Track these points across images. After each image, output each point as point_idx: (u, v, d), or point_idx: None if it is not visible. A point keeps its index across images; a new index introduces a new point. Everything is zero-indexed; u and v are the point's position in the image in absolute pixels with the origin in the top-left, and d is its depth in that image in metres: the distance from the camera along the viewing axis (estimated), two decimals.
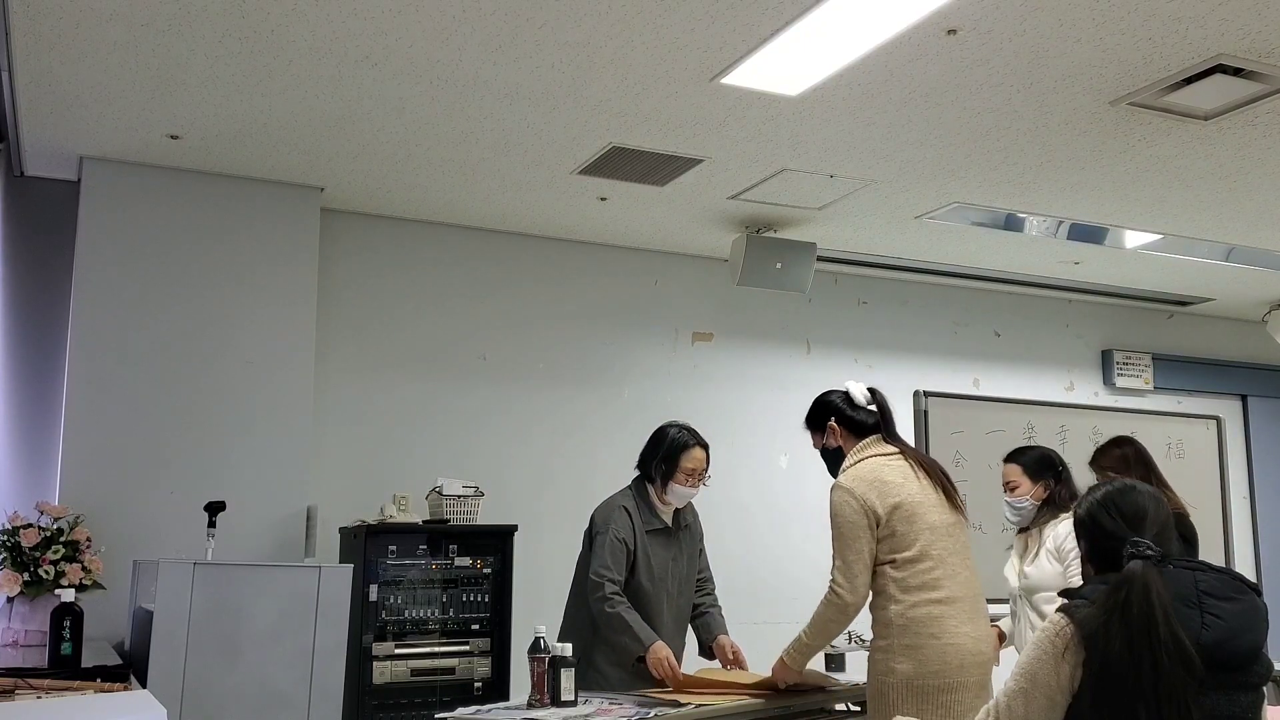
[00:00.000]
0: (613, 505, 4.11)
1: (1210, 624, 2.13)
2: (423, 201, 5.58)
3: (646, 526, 4.07)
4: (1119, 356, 7.67)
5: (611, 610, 3.89)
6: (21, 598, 4.23)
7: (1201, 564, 2.25)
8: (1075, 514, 2.43)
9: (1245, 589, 2.22)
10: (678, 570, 4.15)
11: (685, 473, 4.06)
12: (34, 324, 5.08)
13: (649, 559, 4.05)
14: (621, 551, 3.98)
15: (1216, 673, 2.12)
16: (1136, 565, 2.16)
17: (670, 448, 4.08)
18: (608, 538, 3.99)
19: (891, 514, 3.50)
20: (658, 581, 4.06)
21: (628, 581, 4.00)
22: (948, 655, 3.37)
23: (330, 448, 5.48)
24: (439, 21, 3.66)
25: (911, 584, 3.42)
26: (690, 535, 4.25)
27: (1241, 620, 2.15)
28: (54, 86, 4.23)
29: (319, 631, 3.58)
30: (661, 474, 4.07)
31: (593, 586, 3.96)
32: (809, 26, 3.64)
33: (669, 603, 4.10)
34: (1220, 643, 2.12)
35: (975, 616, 3.47)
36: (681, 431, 4.12)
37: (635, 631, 3.85)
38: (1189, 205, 5.50)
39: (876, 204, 5.56)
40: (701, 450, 4.11)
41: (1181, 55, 3.87)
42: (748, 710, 3.54)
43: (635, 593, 4.00)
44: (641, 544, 4.04)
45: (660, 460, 4.08)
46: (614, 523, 4.03)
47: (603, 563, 3.96)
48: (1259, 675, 2.19)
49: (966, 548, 3.56)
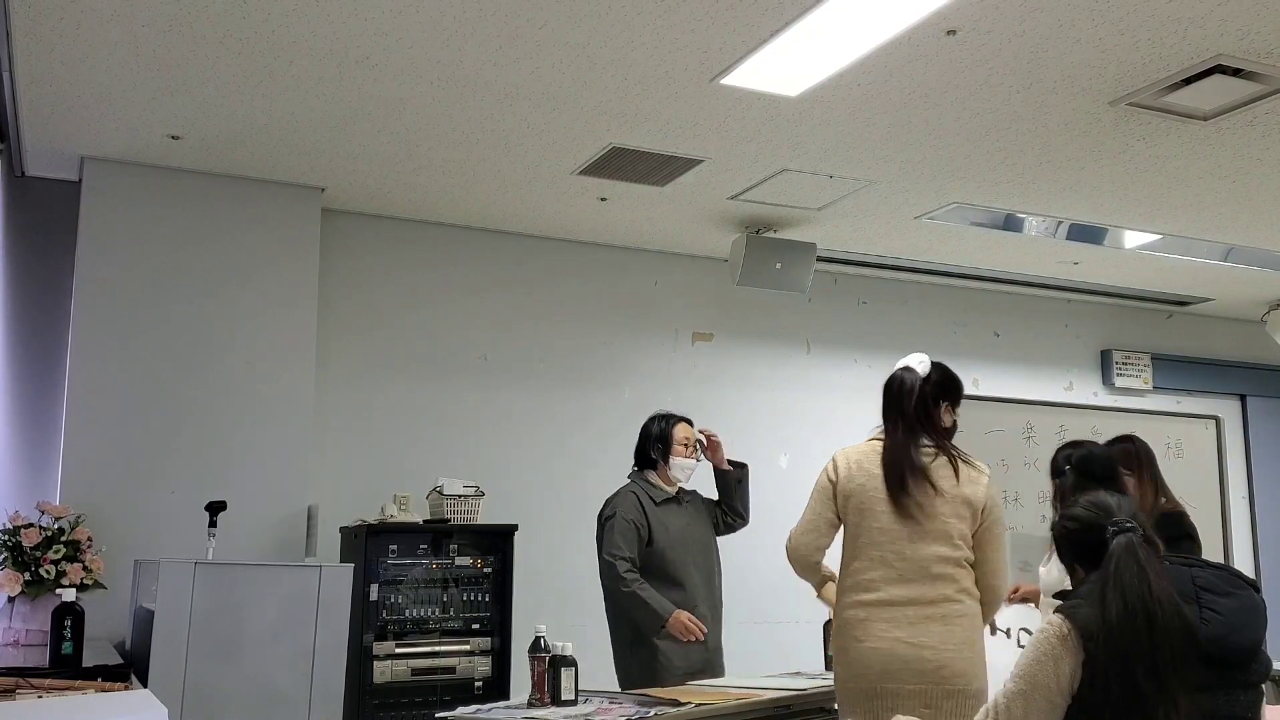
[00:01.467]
0: (618, 493, 4.35)
1: (1208, 618, 2.12)
2: (423, 201, 5.58)
3: (656, 500, 4.29)
4: (1118, 356, 7.67)
5: (627, 589, 4.10)
6: (22, 597, 4.23)
7: (1198, 560, 2.25)
8: (1051, 529, 2.44)
9: (1243, 585, 2.21)
10: (698, 535, 4.37)
11: (681, 443, 4.38)
12: (35, 324, 5.09)
13: (666, 528, 4.26)
14: (632, 532, 4.18)
15: (1215, 670, 2.11)
16: (1121, 539, 2.18)
17: (660, 430, 4.41)
18: (616, 520, 4.21)
19: (848, 500, 3.37)
20: (679, 547, 4.26)
21: (652, 552, 4.19)
22: (869, 660, 3.22)
23: (331, 447, 5.49)
24: (439, 21, 3.66)
25: (846, 584, 3.36)
26: (698, 501, 4.46)
27: (1239, 616, 2.14)
28: (54, 86, 4.23)
29: (319, 631, 3.58)
30: (660, 453, 4.37)
31: (605, 568, 4.17)
32: (809, 27, 3.65)
33: (696, 568, 4.29)
34: (1218, 638, 2.11)
35: (920, 622, 3.21)
36: (664, 418, 4.46)
37: (652, 607, 4.08)
38: (1188, 205, 5.50)
39: (876, 204, 5.57)
40: (686, 424, 4.46)
41: (1181, 55, 3.87)
42: (748, 710, 3.55)
43: (661, 560, 4.21)
44: (655, 516, 4.25)
45: (655, 442, 4.39)
46: (620, 506, 4.25)
47: (613, 544, 4.17)
48: (1258, 673, 2.18)
49: (935, 555, 3.27)
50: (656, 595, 4.11)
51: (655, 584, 4.16)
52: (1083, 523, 2.30)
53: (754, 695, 3.62)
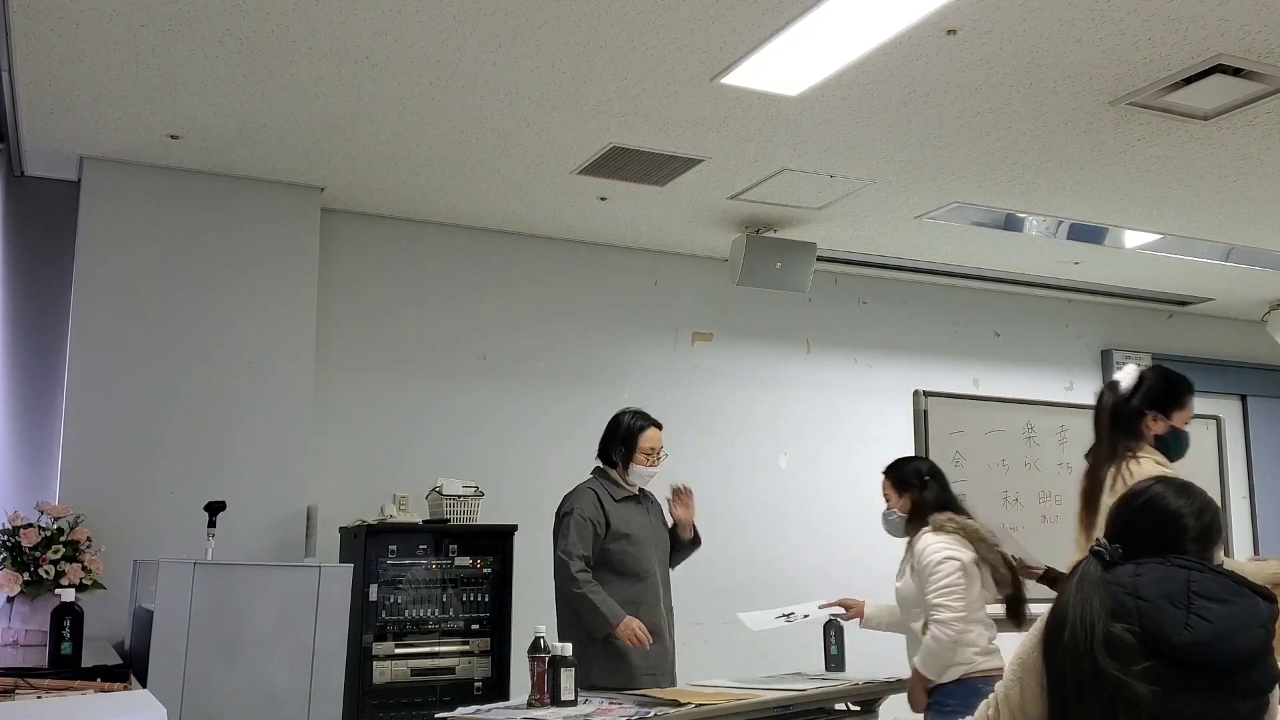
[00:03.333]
0: (576, 490, 4.30)
1: (1194, 624, 2.10)
2: (423, 201, 5.58)
3: (615, 497, 4.25)
4: (1119, 356, 7.66)
5: (579, 590, 4.04)
6: (22, 597, 4.22)
7: (1202, 564, 2.22)
8: (1129, 494, 2.41)
9: (1245, 591, 2.18)
10: (656, 534, 4.33)
11: (644, 452, 4.28)
12: (34, 324, 5.08)
13: (627, 523, 4.22)
14: (588, 529, 4.14)
15: (1200, 674, 2.09)
16: (1082, 563, 2.24)
17: (627, 431, 4.31)
18: (573, 518, 4.15)
19: None
20: (640, 543, 4.23)
21: (615, 544, 4.16)
22: None
23: (330, 447, 5.48)
24: (439, 21, 3.66)
25: None
26: (655, 504, 4.43)
27: (1232, 623, 2.11)
28: (54, 86, 4.23)
29: (319, 631, 3.58)
30: (621, 456, 4.29)
31: (559, 565, 4.12)
32: (809, 26, 3.64)
33: (657, 562, 4.27)
34: (1203, 644, 2.09)
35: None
36: (636, 416, 4.36)
37: (602, 611, 4.01)
38: (1189, 205, 5.50)
39: (876, 204, 5.56)
40: (656, 430, 4.34)
41: (1181, 55, 3.87)
42: (748, 710, 3.55)
43: (622, 556, 4.17)
44: (615, 512, 4.21)
45: (619, 443, 4.31)
46: (578, 503, 4.20)
47: (569, 542, 4.12)
48: (1257, 681, 2.14)
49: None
50: (608, 599, 4.03)
51: (619, 576, 4.13)
52: (1146, 523, 2.30)
53: (754, 695, 3.62)
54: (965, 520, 3.82)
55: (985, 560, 3.75)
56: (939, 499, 3.91)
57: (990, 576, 3.75)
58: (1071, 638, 2.14)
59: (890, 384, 6.72)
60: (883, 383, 6.86)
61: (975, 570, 3.74)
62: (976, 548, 3.75)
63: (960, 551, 3.73)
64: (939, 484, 3.96)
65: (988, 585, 3.76)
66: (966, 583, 3.69)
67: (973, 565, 3.73)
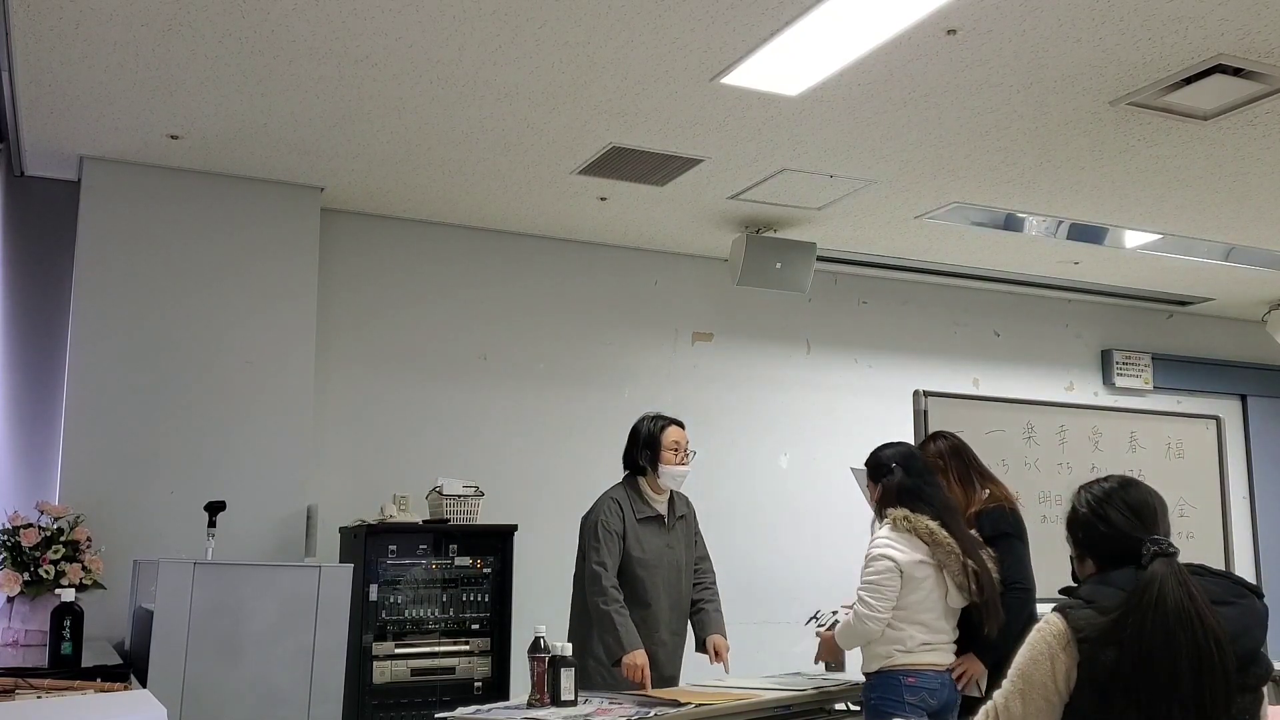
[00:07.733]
0: (603, 498, 4.24)
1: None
2: (423, 201, 5.58)
3: (639, 515, 4.17)
4: (1118, 356, 7.67)
5: (605, 608, 4.00)
6: (22, 597, 4.23)
7: (1200, 568, 2.24)
8: (1074, 509, 2.39)
9: (1245, 592, 2.22)
10: (674, 559, 4.24)
11: (670, 449, 4.21)
12: (34, 324, 5.08)
13: (641, 547, 4.15)
14: (616, 543, 4.10)
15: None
16: (1161, 564, 2.15)
17: (648, 435, 4.25)
18: (600, 529, 4.11)
19: None
20: (652, 569, 4.15)
21: (622, 569, 4.09)
22: None
23: (330, 447, 5.48)
24: (439, 21, 3.66)
25: None
26: (686, 525, 4.33)
27: (1239, 624, 2.15)
28: (54, 86, 4.23)
29: (319, 631, 3.58)
30: (649, 459, 4.22)
31: (591, 578, 4.07)
32: (809, 26, 3.64)
33: (665, 591, 4.18)
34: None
35: None
36: (655, 419, 4.30)
37: (620, 635, 3.96)
38: (1189, 205, 5.50)
39: (876, 204, 5.56)
40: (678, 427, 4.28)
41: (1181, 55, 3.87)
42: (748, 710, 3.55)
43: (630, 580, 4.10)
44: (633, 532, 4.14)
45: (644, 447, 4.24)
46: (603, 512, 4.15)
47: (601, 555, 4.07)
48: (1257, 677, 2.19)
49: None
50: (630, 627, 3.98)
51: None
52: (1115, 525, 2.28)
53: (754, 695, 3.62)
54: (923, 520, 3.63)
55: (943, 565, 3.59)
56: (902, 486, 3.74)
57: (952, 582, 3.60)
58: (1195, 651, 2.07)
59: (890, 384, 6.72)
60: (883, 383, 6.86)
61: (920, 572, 3.59)
62: (933, 550, 3.60)
63: (900, 551, 3.59)
64: (906, 470, 3.77)
65: (952, 589, 3.61)
66: (898, 584, 3.57)
67: (917, 567, 3.59)
